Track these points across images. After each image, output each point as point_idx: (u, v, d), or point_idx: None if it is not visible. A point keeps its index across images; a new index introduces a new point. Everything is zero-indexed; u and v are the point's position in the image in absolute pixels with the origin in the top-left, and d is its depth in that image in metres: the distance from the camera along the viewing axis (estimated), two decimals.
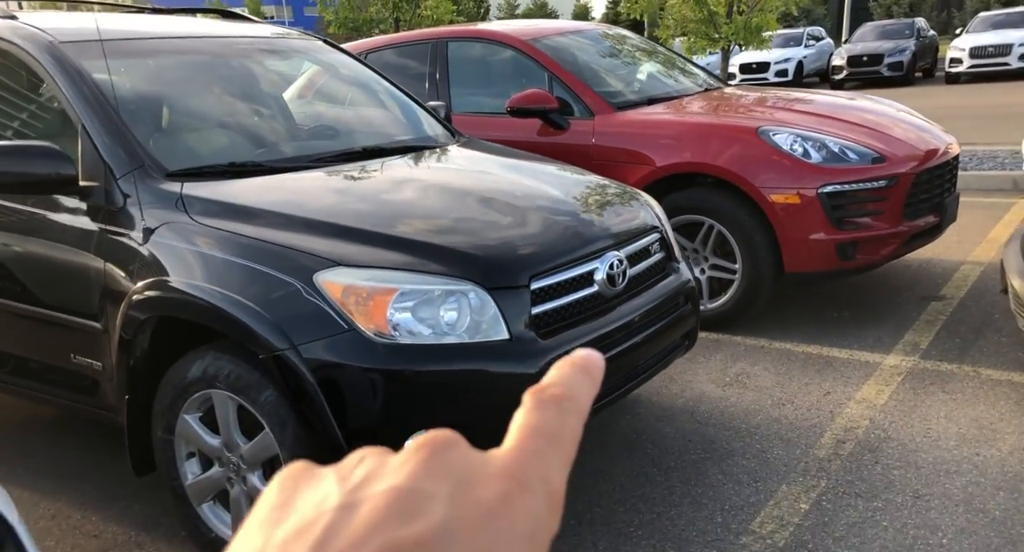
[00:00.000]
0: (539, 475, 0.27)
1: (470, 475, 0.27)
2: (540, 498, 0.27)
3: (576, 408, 0.30)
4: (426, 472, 0.26)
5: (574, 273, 2.52)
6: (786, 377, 3.68)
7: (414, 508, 0.25)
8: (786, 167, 3.94)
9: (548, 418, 0.29)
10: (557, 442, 0.28)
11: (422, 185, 2.80)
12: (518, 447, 0.28)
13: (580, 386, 0.30)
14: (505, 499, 0.26)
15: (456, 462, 0.27)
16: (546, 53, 4.75)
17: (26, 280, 2.73)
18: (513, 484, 0.26)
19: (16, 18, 2.87)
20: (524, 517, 0.26)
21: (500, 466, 0.27)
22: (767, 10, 8.41)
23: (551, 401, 0.29)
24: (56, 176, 2.42)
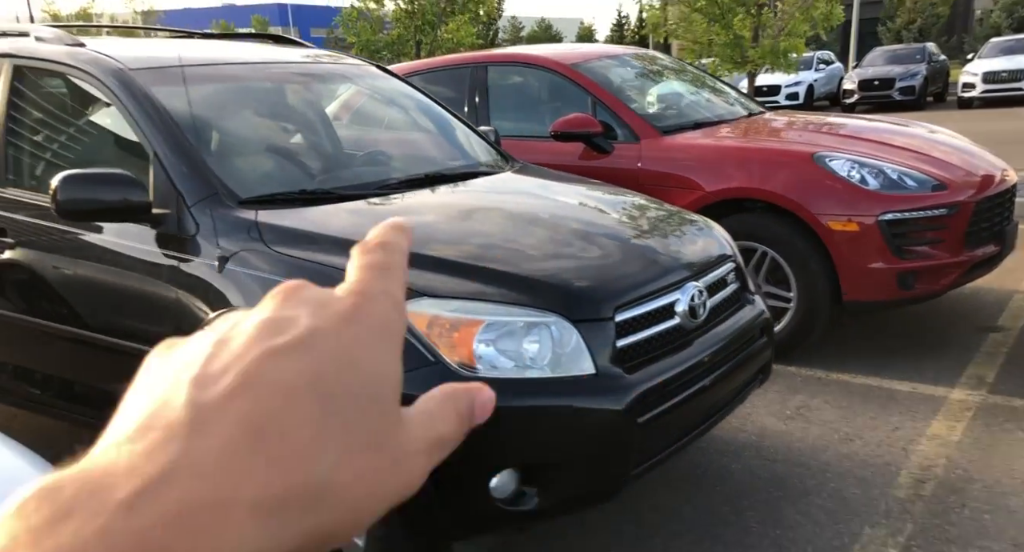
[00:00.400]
0: (380, 289, 0.32)
1: (323, 299, 0.31)
2: (386, 303, 0.31)
3: (397, 248, 0.35)
4: (285, 305, 0.30)
5: (657, 304, 2.42)
6: (849, 411, 3.56)
7: (283, 327, 0.29)
8: (843, 194, 3.84)
9: (376, 256, 0.34)
10: (388, 269, 0.33)
11: (492, 212, 2.70)
12: (357, 276, 0.33)
13: (396, 236, 0.35)
14: (356, 307, 0.31)
15: (309, 295, 0.31)
16: (589, 77, 4.68)
17: (95, 308, 2.64)
18: (360, 297, 0.31)
19: (84, 45, 2.80)
20: (375, 316, 0.31)
21: (347, 289, 0.32)
22: (794, 34, 8.38)
23: (376, 247, 0.34)
24: (130, 203, 2.36)
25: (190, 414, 0.26)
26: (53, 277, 2.71)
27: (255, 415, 0.26)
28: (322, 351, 0.28)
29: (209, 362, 0.28)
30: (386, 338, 0.31)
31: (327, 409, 0.27)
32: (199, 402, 0.26)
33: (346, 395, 0.28)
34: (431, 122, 3.60)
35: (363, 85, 3.60)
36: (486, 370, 2.10)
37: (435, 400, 0.33)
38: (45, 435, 3.51)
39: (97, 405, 2.77)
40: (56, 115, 2.94)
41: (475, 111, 4.94)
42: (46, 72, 2.86)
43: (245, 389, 0.27)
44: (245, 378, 0.27)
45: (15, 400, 3.02)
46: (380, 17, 12.07)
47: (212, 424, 0.26)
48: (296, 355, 0.28)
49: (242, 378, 0.27)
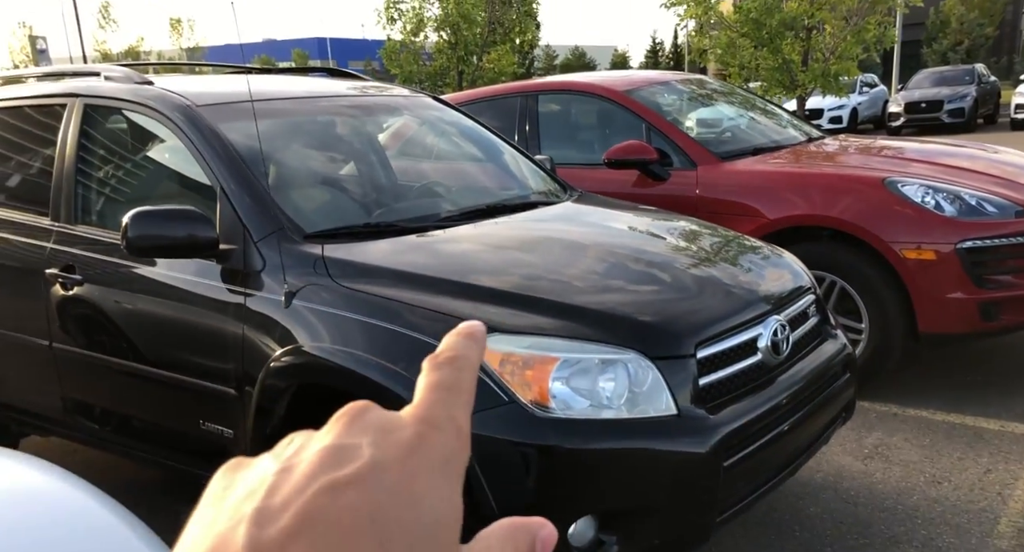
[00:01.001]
0: (445, 416, 0.31)
1: (387, 426, 0.30)
2: (449, 433, 0.30)
3: (468, 364, 0.33)
4: (348, 431, 0.30)
5: (739, 340, 2.28)
6: (933, 450, 3.35)
7: (344, 457, 0.28)
8: (918, 220, 3.67)
9: (445, 374, 0.33)
10: (456, 391, 0.32)
11: (559, 244, 2.60)
12: (424, 398, 0.32)
13: (467, 348, 0.34)
14: (420, 437, 0.30)
15: (373, 420, 0.30)
16: (642, 103, 4.58)
17: (157, 343, 2.61)
18: (424, 425, 0.30)
19: (152, 83, 2.80)
20: (438, 449, 0.30)
21: (412, 414, 0.31)
22: (846, 57, 8.20)
23: (445, 362, 0.33)
24: (197, 239, 2.32)
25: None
26: (119, 313, 2.67)
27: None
28: (383, 486, 0.28)
29: (270, 495, 0.27)
30: (448, 472, 0.30)
31: (385, 549, 0.26)
32: (258, 543, 0.26)
33: (404, 534, 0.27)
34: (487, 152, 3.53)
35: (419, 115, 3.54)
36: (561, 410, 2.00)
37: (495, 537, 0.31)
38: (108, 471, 3.46)
39: (160, 441, 2.71)
40: (125, 152, 2.93)
41: (525, 140, 4.87)
42: (115, 110, 2.86)
43: (304, 529, 0.26)
44: (305, 516, 0.26)
45: (82, 436, 2.98)
46: (422, 48, 12.20)
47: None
48: (356, 490, 0.27)
49: (301, 517, 0.26)
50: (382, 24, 11.83)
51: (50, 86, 3.07)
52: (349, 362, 2.11)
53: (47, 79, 3.19)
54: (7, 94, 3.18)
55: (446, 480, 0.29)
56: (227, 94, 2.76)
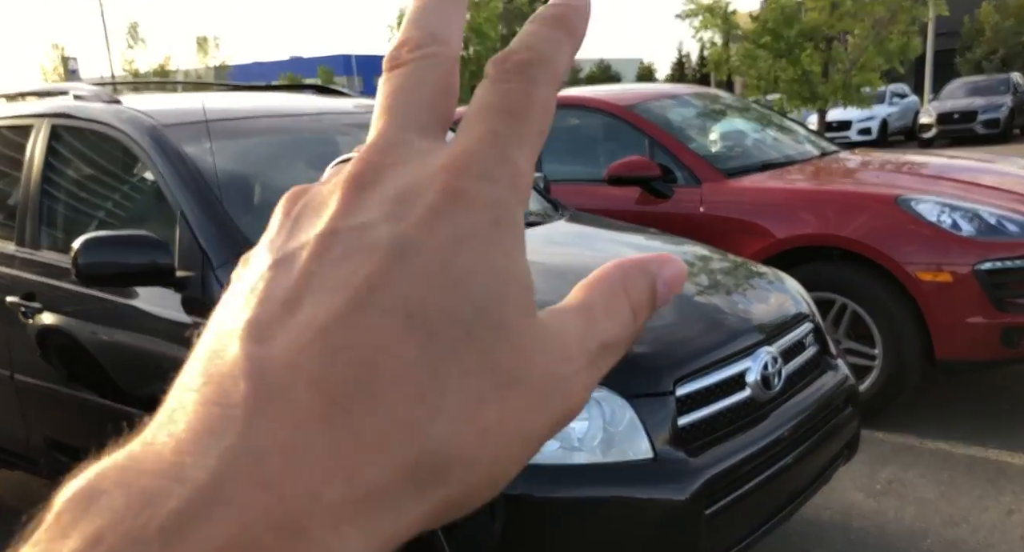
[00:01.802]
0: (496, 158, 0.23)
1: (410, 186, 0.22)
2: (501, 181, 0.22)
3: (548, 74, 0.24)
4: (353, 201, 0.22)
5: (724, 375, 2.11)
6: (951, 487, 3.12)
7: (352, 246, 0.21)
8: (933, 240, 3.46)
9: (510, 90, 0.23)
10: (520, 117, 0.23)
11: (537, 269, 2.44)
12: (470, 133, 0.23)
13: (553, 46, 0.24)
14: (456, 194, 0.22)
15: (391, 181, 0.22)
16: (645, 118, 4.42)
17: (116, 377, 2.50)
18: (463, 177, 0.22)
19: (120, 102, 2.71)
20: (481, 206, 0.22)
21: (443, 162, 0.22)
22: (868, 68, 7.95)
23: (515, 69, 0.24)
24: (153, 267, 2.21)
25: (247, 383, 0.19)
26: (78, 344, 2.58)
27: (333, 377, 0.19)
28: (414, 270, 0.21)
29: (268, 298, 0.21)
30: (503, 235, 0.22)
31: (431, 352, 0.20)
32: (256, 361, 0.20)
33: (454, 324, 0.20)
34: None
35: None
36: None
37: (599, 290, 0.24)
38: None
39: None
40: (90, 174, 2.84)
41: None
42: (81, 131, 2.78)
43: (315, 340, 0.20)
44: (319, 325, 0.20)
45: (46, 472, 2.88)
46: None
47: (276, 398, 0.19)
48: (381, 282, 0.20)
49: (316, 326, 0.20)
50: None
51: (20, 107, 3.00)
52: None
53: (18, 99, 3.12)
54: None
55: (499, 245, 0.22)
56: (196, 112, 2.65)
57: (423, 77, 0.25)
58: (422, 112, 0.24)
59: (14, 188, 2.82)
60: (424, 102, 0.25)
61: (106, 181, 2.78)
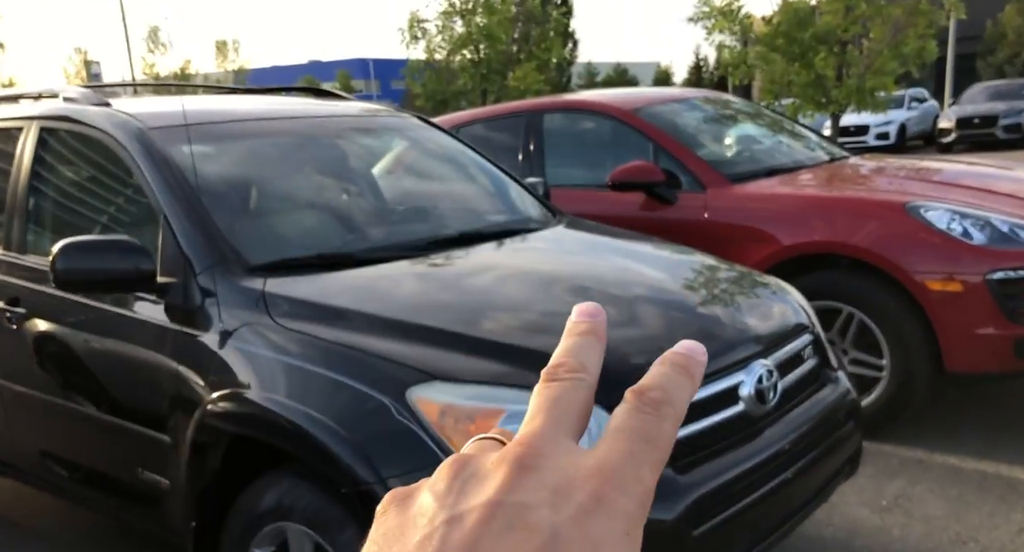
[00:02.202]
0: (633, 477, 0.27)
1: (565, 482, 0.27)
2: (634, 498, 0.27)
3: (674, 413, 0.30)
4: (519, 483, 0.27)
5: (716, 389, 2.03)
6: (960, 503, 3.02)
7: (518, 521, 0.25)
8: (943, 248, 3.36)
9: (645, 421, 0.29)
10: (652, 446, 0.28)
11: (528, 278, 2.39)
12: (614, 448, 0.28)
13: (680, 390, 0.30)
14: (601, 501, 0.26)
15: (548, 471, 0.27)
16: (650, 122, 4.34)
17: (97, 384, 2.46)
18: (608, 487, 0.27)
19: (110, 105, 2.67)
20: (620, 517, 0.26)
21: (595, 468, 0.27)
22: (882, 72, 7.80)
23: (650, 405, 0.30)
24: (132, 272, 2.16)
25: None
26: (61, 350, 2.54)
27: None
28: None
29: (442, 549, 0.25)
30: (631, 543, 0.26)
31: None
32: None
33: None
34: (472, 176, 3.33)
35: (403, 138, 3.37)
36: None
37: None
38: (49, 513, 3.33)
39: (103, 488, 2.55)
40: (77, 177, 2.81)
41: (530, 160, 4.67)
42: (69, 133, 2.75)
43: None
44: None
45: (29, 480, 2.85)
46: (449, 67, 12.10)
47: None
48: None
49: None
50: (405, 43, 11.82)
51: (11, 109, 2.97)
52: (281, 411, 1.92)
53: (8, 102, 3.09)
54: None
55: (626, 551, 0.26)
56: (183, 115, 2.61)
57: (573, 395, 0.30)
58: (571, 420, 0.30)
59: (2, 191, 2.79)
60: (572, 413, 0.30)
61: (93, 185, 2.75)
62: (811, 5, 8.23)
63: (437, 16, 11.80)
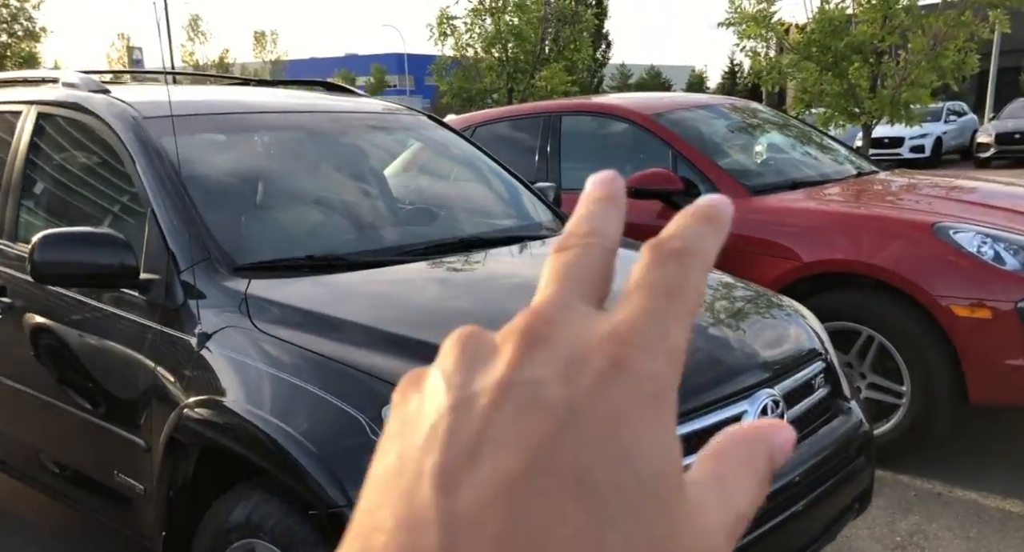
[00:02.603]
0: (657, 334, 0.25)
1: (578, 351, 0.24)
2: (659, 356, 0.24)
3: (700, 262, 0.27)
4: (528, 357, 0.24)
5: (717, 418, 1.91)
6: (979, 544, 2.86)
7: (531, 398, 0.23)
8: (972, 272, 3.19)
9: (667, 273, 0.26)
10: (677, 298, 0.25)
11: (523, 288, 2.27)
12: (633, 306, 0.25)
13: (704, 238, 0.27)
14: (621, 365, 0.24)
15: (559, 342, 0.25)
16: (670, 129, 4.21)
17: (76, 381, 2.41)
18: (628, 348, 0.24)
19: (108, 92, 2.60)
20: (645, 379, 0.24)
21: (610, 331, 0.25)
22: (919, 85, 7.55)
23: (671, 255, 0.26)
24: (117, 267, 2.08)
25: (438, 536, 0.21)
26: (42, 343, 2.48)
27: (511, 539, 0.21)
28: (584, 437, 0.22)
29: (450, 444, 0.23)
30: (659, 408, 0.23)
31: (598, 520, 0.21)
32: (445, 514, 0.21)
33: (620, 494, 0.22)
34: (481, 178, 3.22)
35: (410, 136, 3.27)
36: None
37: (728, 464, 0.25)
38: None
39: (80, 487, 2.48)
40: (70, 166, 2.75)
41: (546, 162, 4.55)
42: (65, 119, 2.68)
43: (496, 499, 0.21)
44: (499, 482, 0.21)
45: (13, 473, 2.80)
46: (476, 65, 12.01)
47: None
48: (554, 447, 0.22)
49: (495, 482, 0.22)
50: (434, 40, 11.76)
51: (12, 93, 2.92)
52: (252, 422, 1.83)
53: (10, 85, 3.04)
54: None
55: (658, 419, 0.23)
56: (183, 105, 2.53)
57: (586, 259, 0.27)
58: (585, 285, 0.26)
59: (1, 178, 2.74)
60: (587, 277, 0.27)
61: (87, 174, 2.68)
62: (847, 14, 8.02)
63: (466, 14, 11.77)
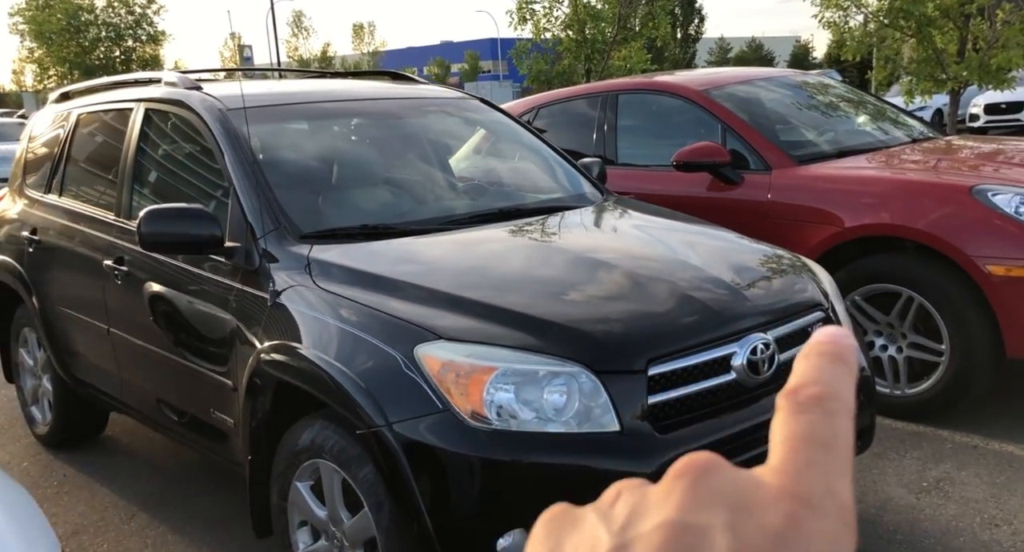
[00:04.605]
0: (823, 489, 0.23)
1: (744, 500, 0.23)
2: (831, 516, 0.23)
3: (843, 407, 0.25)
4: (694, 502, 0.23)
5: (705, 358, 2.16)
6: (1004, 489, 2.97)
7: (692, 544, 0.22)
8: (1010, 234, 3.26)
9: (814, 423, 0.24)
10: (831, 449, 0.24)
11: (549, 251, 2.59)
12: (790, 461, 0.24)
13: (839, 379, 0.25)
14: (792, 522, 0.22)
15: (725, 487, 0.24)
16: (719, 102, 4.38)
17: (180, 333, 2.84)
18: (797, 504, 0.23)
19: (201, 88, 3.06)
20: (819, 539, 0.22)
21: (777, 485, 0.23)
22: (1010, 46, 7.23)
23: (811, 403, 0.25)
24: (204, 237, 2.50)
25: None
26: (152, 303, 2.94)
27: None
28: None
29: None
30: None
31: None
32: None
33: None
34: (529, 155, 3.53)
35: (463, 118, 3.61)
36: (501, 421, 1.98)
37: None
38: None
39: (187, 425, 2.93)
40: (171, 152, 3.23)
41: (603, 139, 4.81)
42: (166, 114, 3.15)
43: None
44: None
45: (135, 416, 3.31)
46: (555, 48, 12.21)
47: None
48: None
49: None
50: (514, 25, 12.05)
51: (126, 92, 3.44)
52: (313, 361, 2.20)
53: (123, 86, 3.57)
54: (96, 100, 3.61)
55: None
56: (259, 97, 2.95)
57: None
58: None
59: (115, 163, 3.26)
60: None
61: (185, 159, 3.15)
62: None
63: None
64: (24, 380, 4.00)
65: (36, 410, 3.92)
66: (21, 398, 4.10)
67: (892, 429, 3.49)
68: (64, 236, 3.44)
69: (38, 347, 3.80)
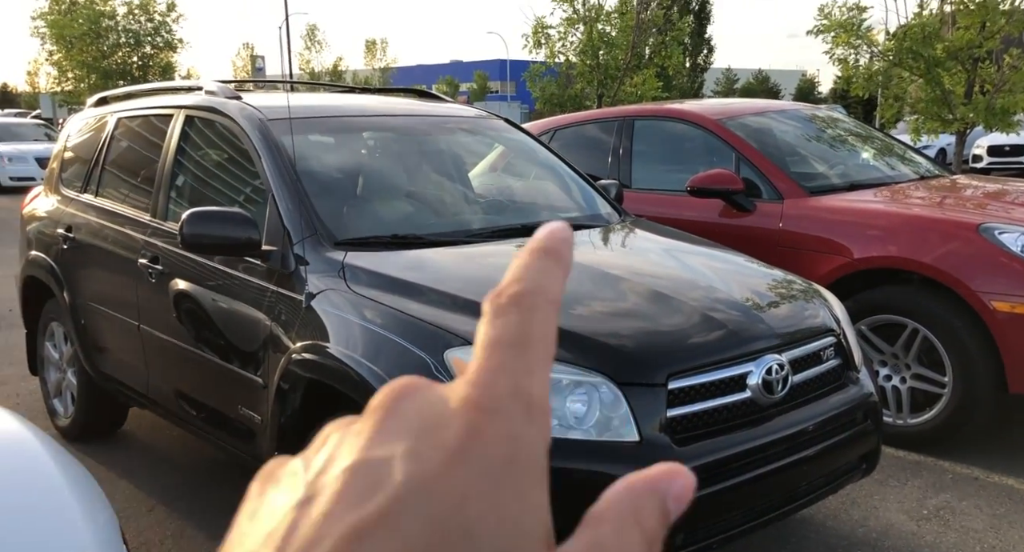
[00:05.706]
0: (508, 391, 0.23)
1: (430, 421, 0.23)
2: (515, 415, 0.23)
3: (543, 301, 0.25)
4: (380, 436, 0.23)
5: (722, 375, 2.25)
6: (1004, 521, 3.05)
7: (370, 481, 0.22)
8: (1015, 271, 3.37)
9: (509, 323, 0.25)
10: (524, 346, 0.24)
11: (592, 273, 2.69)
12: (479, 369, 0.24)
13: (543, 274, 0.26)
14: (470, 432, 0.22)
15: (415, 412, 0.23)
16: (735, 132, 4.50)
17: (210, 332, 2.93)
18: (477, 412, 0.23)
19: (240, 98, 3.17)
20: (497, 443, 0.22)
21: (460, 397, 0.24)
22: (1016, 90, 7.41)
23: (510, 303, 0.25)
24: (242, 240, 2.60)
25: None
26: (186, 303, 3.04)
27: None
28: (423, 517, 0.21)
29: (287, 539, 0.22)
30: (517, 474, 0.22)
31: None
32: None
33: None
34: (548, 174, 3.65)
35: (490, 137, 3.73)
36: None
37: (609, 526, 0.24)
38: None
39: (213, 422, 3.00)
40: (209, 157, 3.34)
41: (619, 164, 4.93)
42: (206, 121, 3.27)
43: None
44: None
45: (160, 412, 3.39)
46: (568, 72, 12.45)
47: None
48: (387, 532, 0.21)
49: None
50: (529, 48, 12.29)
51: (165, 99, 3.56)
52: (344, 362, 2.30)
53: (162, 93, 3.69)
54: (136, 105, 3.73)
55: (513, 487, 0.22)
56: (298, 109, 3.08)
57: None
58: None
59: (154, 167, 3.36)
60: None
61: (224, 165, 3.26)
62: (940, 20, 7.96)
63: (560, 23, 12.22)
64: (48, 373, 4.08)
65: (58, 403, 4.00)
66: (44, 391, 4.18)
67: (894, 457, 3.57)
68: (98, 234, 3.54)
69: (65, 341, 3.89)
